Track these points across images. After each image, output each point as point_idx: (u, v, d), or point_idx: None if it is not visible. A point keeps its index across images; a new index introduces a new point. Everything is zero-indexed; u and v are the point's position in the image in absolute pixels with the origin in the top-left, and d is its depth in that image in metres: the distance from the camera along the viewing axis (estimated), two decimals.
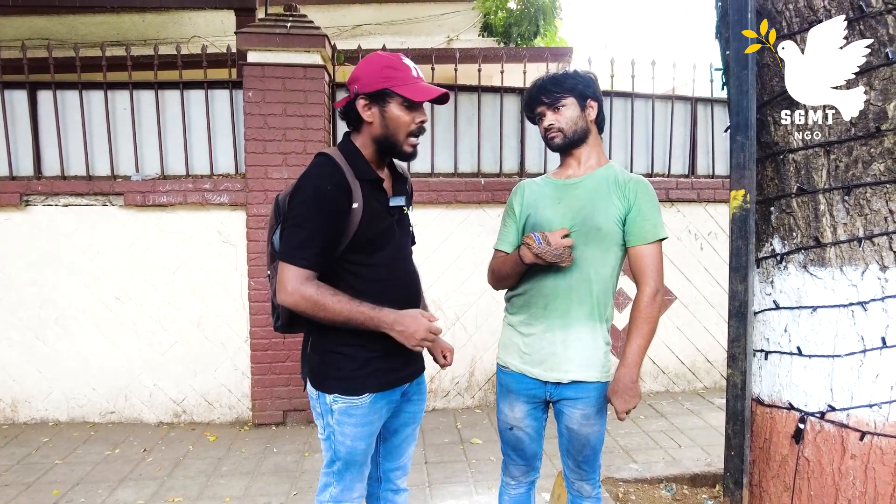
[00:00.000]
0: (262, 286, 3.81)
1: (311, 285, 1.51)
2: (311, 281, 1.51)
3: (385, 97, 1.55)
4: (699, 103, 4.59)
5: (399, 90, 1.53)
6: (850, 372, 1.55)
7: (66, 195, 3.79)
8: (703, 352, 4.55)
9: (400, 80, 1.54)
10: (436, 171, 4.21)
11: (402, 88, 1.53)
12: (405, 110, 1.56)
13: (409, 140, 1.60)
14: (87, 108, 3.87)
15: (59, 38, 6.51)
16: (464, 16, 7.39)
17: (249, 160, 3.77)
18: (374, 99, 1.56)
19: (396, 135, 1.58)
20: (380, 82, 1.53)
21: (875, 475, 1.53)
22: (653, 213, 1.70)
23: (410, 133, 1.59)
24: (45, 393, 3.87)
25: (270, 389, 3.87)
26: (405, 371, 1.74)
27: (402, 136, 1.59)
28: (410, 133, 1.59)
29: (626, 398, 1.67)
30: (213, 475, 3.15)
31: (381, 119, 1.57)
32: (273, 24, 3.78)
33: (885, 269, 1.51)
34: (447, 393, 4.21)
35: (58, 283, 3.81)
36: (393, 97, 1.55)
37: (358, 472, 1.71)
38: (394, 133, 1.58)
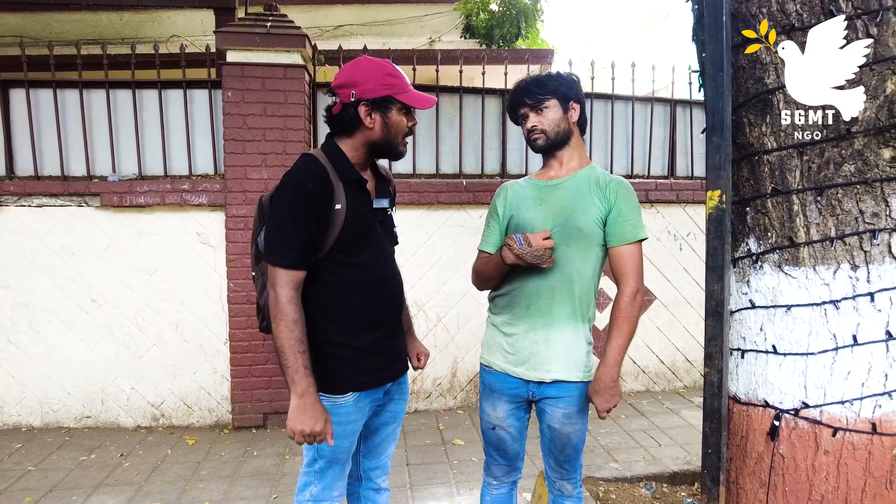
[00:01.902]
0: (242, 288, 3.76)
1: (288, 293, 1.51)
2: (291, 288, 1.52)
3: (388, 104, 1.60)
4: (678, 105, 4.65)
5: (401, 98, 1.60)
6: (823, 369, 1.58)
7: (39, 196, 3.71)
8: (683, 351, 4.61)
9: (400, 88, 1.61)
10: (417, 171, 4.21)
11: (404, 96, 1.61)
12: (403, 115, 1.64)
13: (403, 140, 1.68)
14: (62, 107, 3.79)
15: (33, 35, 6.36)
16: (446, 17, 7.39)
17: (229, 160, 3.73)
18: (376, 105, 1.60)
19: (396, 138, 1.65)
20: (383, 89, 1.58)
21: (847, 470, 1.56)
22: (633, 214, 1.73)
23: (405, 135, 1.67)
24: (18, 398, 3.78)
25: (250, 392, 3.83)
26: (388, 370, 1.75)
27: (400, 139, 1.66)
28: (405, 135, 1.67)
29: (607, 397, 1.69)
30: (191, 479, 3.10)
31: (384, 125, 1.62)
32: (253, 24, 3.75)
33: (856, 269, 1.54)
34: (429, 394, 4.20)
35: (31, 286, 3.73)
36: (395, 104, 1.61)
37: (340, 470, 1.71)
38: (394, 137, 1.64)
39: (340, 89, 1.60)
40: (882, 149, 1.50)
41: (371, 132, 1.62)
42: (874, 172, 1.51)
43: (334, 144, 1.65)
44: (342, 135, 1.66)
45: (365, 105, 1.59)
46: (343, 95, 1.60)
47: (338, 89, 1.61)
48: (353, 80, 1.59)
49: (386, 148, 1.66)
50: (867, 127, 1.51)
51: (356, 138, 1.64)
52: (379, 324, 1.69)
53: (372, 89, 1.57)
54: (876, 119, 1.50)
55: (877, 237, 1.52)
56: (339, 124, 1.64)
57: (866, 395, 1.54)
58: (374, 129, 1.62)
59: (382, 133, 1.62)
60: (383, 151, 1.68)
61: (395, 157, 1.71)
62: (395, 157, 1.71)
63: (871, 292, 1.52)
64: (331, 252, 1.59)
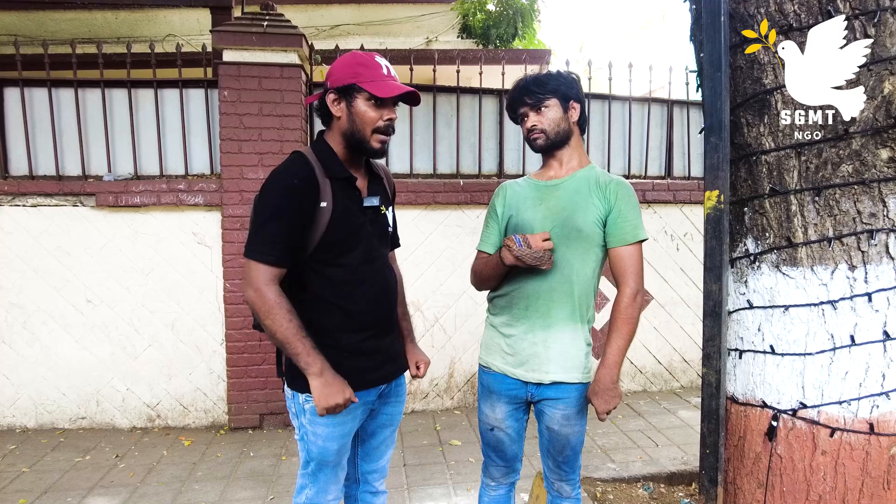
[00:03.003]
0: (238, 288, 3.75)
1: (274, 289, 1.50)
2: (275, 284, 1.51)
3: (353, 92, 1.56)
4: (675, 105, 4.65)
5: (365, 86, 1.54)
6: (821, 370, 1.58)
7: (34, 195, 3.69)
8: (680, 351, 4.62)
9: (368, 77, 1.55)
10: (414, 172, 4.20)
11: (369, 84, 1.54)
12: (372, 107, 1.57)
13: (375, 136, 1.59)
14: (57, 106, 3.77)
15: (27, 34, 6.33)
16: (442, 17, 7.38)
17: (225, 160, 3.72)
18: (342, 94, 1.57)
19: (363, 130, 1.58)
20: (348, 78, 1.55)
21: (844, 470, 1.56)
22: (633, 214, 1.72)
23: (377, 129, 1.58)
24: (12, 399, 3.75)
25: (246, 393, 3.81)
26: (381, 371, 1.72)
27: (368, 132, 1.58)
28: (377, 129, 1.58)
29: (607, 399, 1.68)
30: (187, 481, 3.09)
31: (349, 114, 1.58)
32: (249, 23, 3.74)
33: (853, 269, 1.54)
34: (426, 395, 4.19)
35: (25, 286, 3.70)
36: (360, 92, 1.55)
37: (332, 473, 1.69)
38: (360, 129, 1.58)
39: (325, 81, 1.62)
40: (880, 149, 1.50)
41: (340, 122, 1.59)
42: (872, 173, 1.51)
43: (323, 141, 1.64)
44: (327, 129, 1.66)
45: (332, 93, 1.57)
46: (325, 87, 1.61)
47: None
48: (329, 71, 1.60)
49: (354, 140, 1.59)
50: (865, 127, 1.51)
51: (333, 130, 1.63)
52: (364, 326, 1.65)
53: (340, 78, 1.56)
54: (873, 119, 1.50)
55: (874, 237, 1.52)
56: (321, 117, 1.65)
57: (864, 396, 1.54)
58: (342, 120, 1.59)
59: (349, 124, 1.58)
60: (354, 145, 1.60)
61: (368, 153, 1.63)
62: (367, 153, 1.63)
63: (869, 292, 1.52)
64: (316, 251, 1.57)
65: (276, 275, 1.51)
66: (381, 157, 1.67)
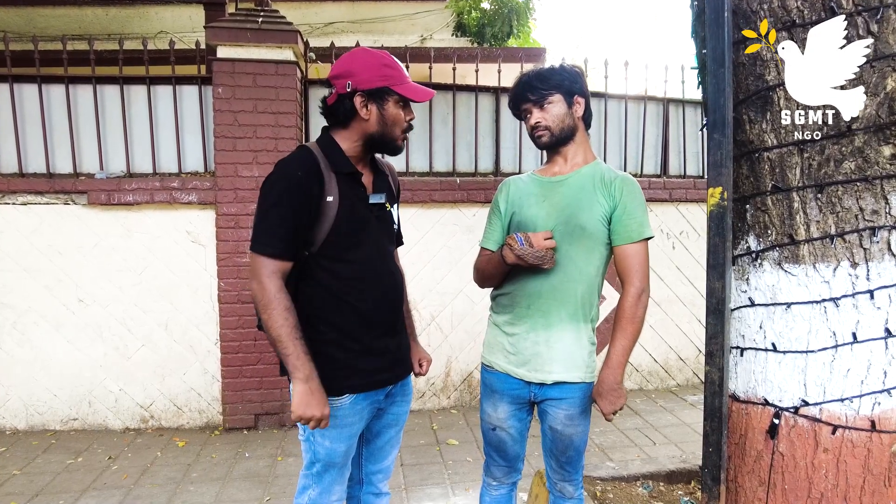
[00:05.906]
0: (233, 287, 3.72)
1: (276, 282, 1.48)
2: (278, 278, 1.49)
3: (384, 95, 1.56)
4: (671, 104, 4.66)
5: (398, 89, 1.56)
6: (823, 367, 1.57)
7: (24, 193, 3.63)
8: (676, 350, 4.62)
9: (397, 80, 1.57)
10: (411, 170, 4.18)
11: (401, 88, 1.56)
12: (401, 108, 1.60)
13: (402, 136, 1.63)
14: (47, 103, 3.72)
15: (16, 30, 6.25)
16: (437, 15, 7.37)
17: (219, 158, 3.68)
18: (372, 96, 1.56)
19: (393, 131, 1.61)
20: (379, 80, 1.55)
21: (846, 468, 1.55)
22: (639, 211, 1.68)
23: (403, 129, 1.62)
24: (2, 400, 3.70)
25: (241, 393, 3.78)
26: (389, 372, 1.70)
27: (398, 133, 1.62)
28: (403, 129, 1.62)
29: (612, 399, 1.66)
30: (182, 482, 3.06)
31: (380, 117, 1.58)
32: (244, 19, 3.70)
33: (855, 266, 1.54)
34: (423, 394, 4.18)
35: (16, 286, 3.65)
36: (391, 95, 1.57)
37: (338, 474, 1.67)
38: (391, 130, 1.60)
39: (336, 79, 1.57)
40: (882, 146, 1.50)
41: (367, 124, 1.59)
42: (874, 170, 1.51)
43: (329, 136, 1.62)
44: (338, 126, 1.63)
45: (361, 96, 1.56)
46: (339, 86, 1.56)
47: (334, 80, 1.58)
48: (349, 70, 1.56)
49: (383, 142, 1.62)
50: (867, 124, 1.50)
51: (352, 130, 1.61)
52: (373, 324, 1.64)
53: (368, 80, 1.54)
54: (876, 116, 1.49)
55: (876, 235, 1.51)
56: (335, 115, 1.61)
57: (865, 393, 1.53)
58: (371, 122, 1.58)
59: (379, 125, 1.59)
60: (380, 145, 1.63)
61: (393, 151, 1.67)
62: (392, 151, 1.67)
63: (871, 290, 1.52)
64: (323, 247, 1.55)
65: (279, 268, 1.49)
66: (400, 153, 1.71)
